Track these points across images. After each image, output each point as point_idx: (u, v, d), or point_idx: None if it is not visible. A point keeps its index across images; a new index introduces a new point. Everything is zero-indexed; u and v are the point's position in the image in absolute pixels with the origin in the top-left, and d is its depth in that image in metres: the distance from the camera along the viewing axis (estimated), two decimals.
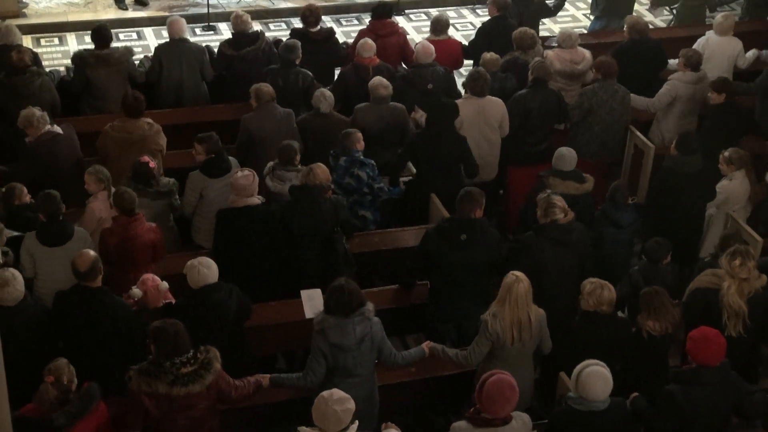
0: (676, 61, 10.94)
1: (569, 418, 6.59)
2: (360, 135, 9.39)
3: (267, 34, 11.90)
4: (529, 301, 7.23)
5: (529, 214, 8.62)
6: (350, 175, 9.31)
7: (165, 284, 7.64)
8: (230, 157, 9.19)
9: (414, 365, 7.55)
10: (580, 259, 8.18)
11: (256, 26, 14.22)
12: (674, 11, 14.55)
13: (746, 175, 9.35)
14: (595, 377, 6.48)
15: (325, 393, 6.12)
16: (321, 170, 8.51)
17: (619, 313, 7.99)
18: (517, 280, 7.18)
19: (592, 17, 13.93)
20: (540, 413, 7.53)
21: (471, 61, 11.71)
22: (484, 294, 8.03)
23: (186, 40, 11.08)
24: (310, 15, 11.41)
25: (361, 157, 9.34)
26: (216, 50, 11.24)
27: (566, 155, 9.00)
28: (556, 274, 8.05)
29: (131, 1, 15.31)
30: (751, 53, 11.76)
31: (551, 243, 8.07)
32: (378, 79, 10.02)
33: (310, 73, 10.58)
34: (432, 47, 10.73)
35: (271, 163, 9.11)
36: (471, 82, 9.92)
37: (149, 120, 9.55)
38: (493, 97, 10.01)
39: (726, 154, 9.27)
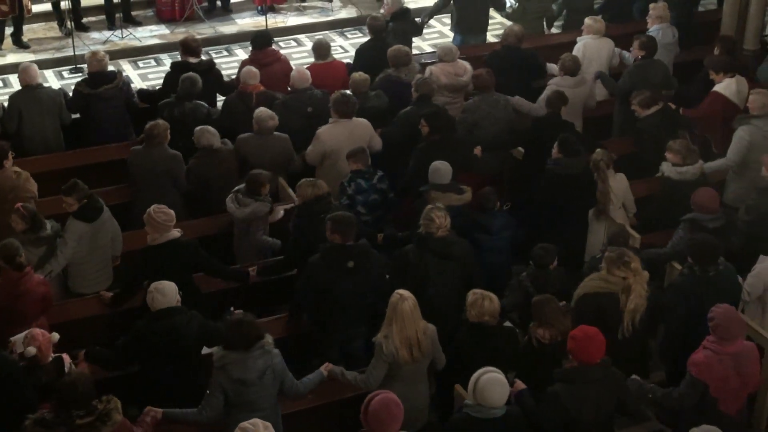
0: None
1: (466, 425, 6.56)
2: (367, 150, 9.45)
3: (136, 71, 11.73)
4: (417, 318, 7.24)
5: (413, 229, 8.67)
6: (375, 190, 9.37)
7: (56, 335, 7.43)
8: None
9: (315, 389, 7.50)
10: (466, 272, 8.21)
11: (125, 65, 14.09)
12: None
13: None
14: (493, 383, 6.50)
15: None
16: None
17: (507, 323, 8.06)
18: (402, 298, 7.19)
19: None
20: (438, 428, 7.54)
21: None
22: (369, 314, 8.05)
23: (40, 86, 10.91)
24: (195, 46, 11.40)
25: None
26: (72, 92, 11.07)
27: (441, 168, 9.00)
28: (440, 287, 8.08)
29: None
30: (617, 51, 12.05)
31: (433, 256, 8.09)
32: (263, 110, 9.98)
33: (205, 104, 10.55)
34: (307, 72, 10.79)
35: (238, 187, 9.17)
36: (339, 105, 9.92)
37: (16, 168, 9.36)
38: (360, 119, 10.06)
39: (596, 156, 9.40)
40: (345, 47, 15.40)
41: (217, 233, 9.52)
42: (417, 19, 13.36)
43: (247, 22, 15.85)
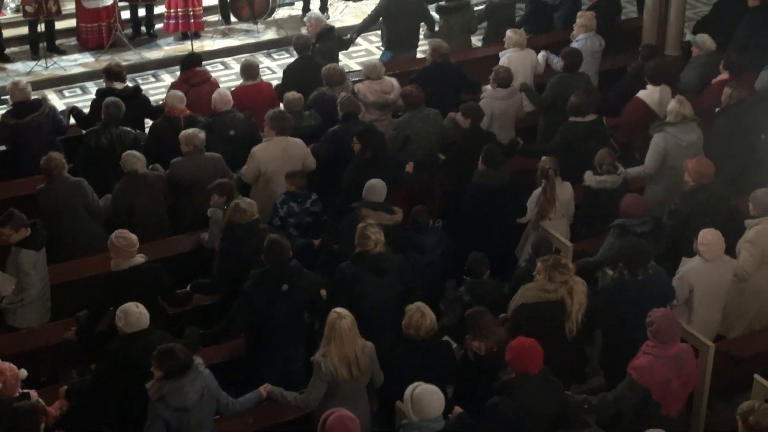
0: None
1: None
2: (305, 173, 9.43)
3: (62, 101, 11.62)
4: (355, 336, 7.25)
5: (344, 246, 8.73)
6: (308, 213, 9.31)
7: (24, 372, 7.34)
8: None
9: (251, 409, 7.48)
10: (402, 288, 8.24)
11: (50, 94, 13.97)
12: None
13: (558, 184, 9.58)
14: (428, 394, 6.56)
15: None
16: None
17: (445, 337, 8.09)
18: (339, 316, 7.20)
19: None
20: None
21: None
22: (305, 333, 8.06)
23: None
24: (119, 71, 11.34)
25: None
26: None
27: (376, 187, 9.01)
28: (377, 303, 8.09)
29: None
30: (541, 56, 12.20)
31: (369, 272, 8.10)
32: (188, 130, 9.91)
33: (131, 129, 10.46)
34: (229, 94, 10.77)
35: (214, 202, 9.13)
36: (276, 121, 9.90)
37: None
38: (294, 138, 10.05)
39: (543, 164, 9.46)
40: (272, 68, 15.39)
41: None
42: (345, 36, 13.40)
43: (173, 47, 15.76)
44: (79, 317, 8.51)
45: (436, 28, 13.82)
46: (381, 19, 13.55)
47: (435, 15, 14.02)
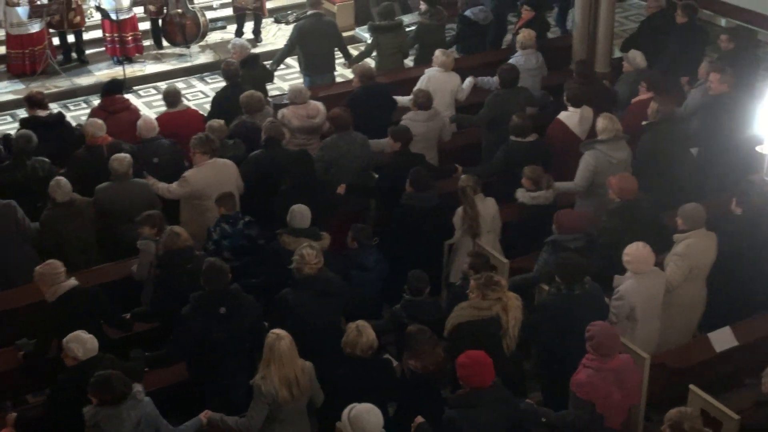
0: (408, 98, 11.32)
1: None
2: (234, 195, 9.36)
3: None
4: (295, 357, 7.25)
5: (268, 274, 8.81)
6: (243, 236, 9.23)
7: (13, 414, 7.28)
8: None
9: None
10: (342, 307, 8.28)
11: None
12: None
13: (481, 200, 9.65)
14: (365, 412, 6.57)
15: None
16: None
17: (386, 355, 8.12)
18: (278, 338, 7.19)
19: None
20: None
21: None
22: (247, 359, 8.01)
23: None
24: (41, 98, 11.22)
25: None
26: None
27: (298, 213, 8.90)
28: (319, 324, 8.08)
29: None
30: (467, 82, 12.25)
31: (310, 295, 8.10)
32: (115, 156, 9.83)
33: (47, 159, 10.30)
34: (154, 121, 10.72)
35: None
36: (201, 145, 9.87)
37: None
38: (225, 160, 10.05)
39: (462, 183, 9.53)
40: (205, 92, 15.36)
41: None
42: (266, 64, 13.39)
43: (105, 72, 15.65)
44: (18, 345, 8.44)
45: (359, 49, 13.89)
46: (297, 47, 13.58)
47: (365, 34, 14.07)
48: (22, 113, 13.63)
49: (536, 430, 7.69)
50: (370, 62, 13.52)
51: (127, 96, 12.36)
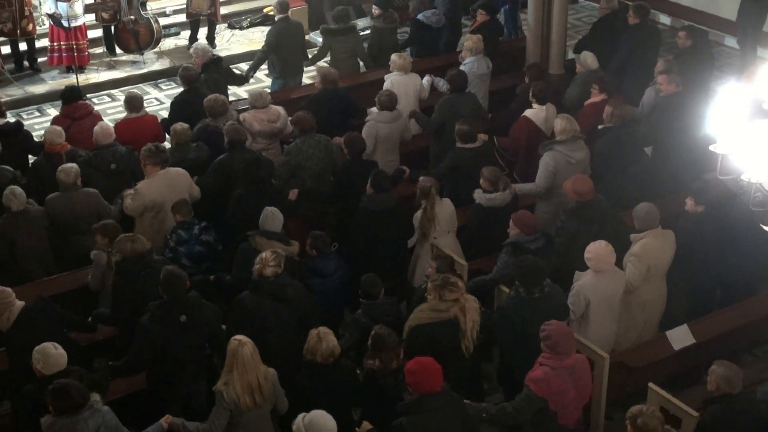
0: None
1: None
2: (188, 202, 9.36)
3: None
4: (257, 363, 7.23)
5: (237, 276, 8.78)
6: (200, 242, 9.19)
7: None
8: None
9: None
10: (302, 313, 8.24)
11: None
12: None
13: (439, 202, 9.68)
14: (320, 417, 6.58)
15: None
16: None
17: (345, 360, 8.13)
18: (241, 344, 7.17)
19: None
20: None
21: None
22: (205, 367, 8.00)
23: None
24: None
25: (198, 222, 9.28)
26: None
27: (271, 215, 8.97)
28: (278, 330, 8.07)
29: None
30: (425, 81, 12.35)
31: (269, 300, 8.08)
32: (63, 167, 9.78)
33: (10, 168, 10.25)
34: (111, 127, 10.68)
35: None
36: (151, 157, 9.80)
37: None
38: (177, 168, 10.00)
39: (424, 183, 9.55)
40: (160, 99, 15.28)
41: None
42: (238, 72, 13.37)
43: (58, 81, 15.51)
44: None
45: (313, 53, 13.94)
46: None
47: (318, 38, 14.09)
48: None
49: (486, 430, 7.73)
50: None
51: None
